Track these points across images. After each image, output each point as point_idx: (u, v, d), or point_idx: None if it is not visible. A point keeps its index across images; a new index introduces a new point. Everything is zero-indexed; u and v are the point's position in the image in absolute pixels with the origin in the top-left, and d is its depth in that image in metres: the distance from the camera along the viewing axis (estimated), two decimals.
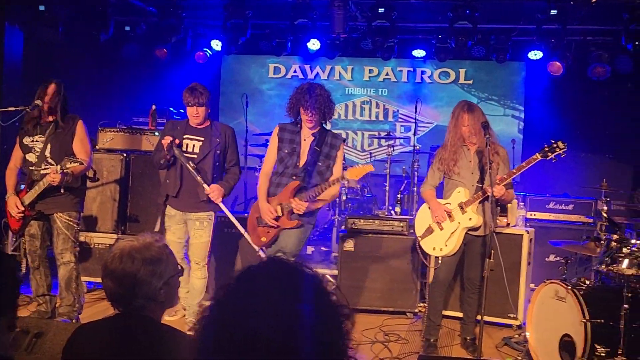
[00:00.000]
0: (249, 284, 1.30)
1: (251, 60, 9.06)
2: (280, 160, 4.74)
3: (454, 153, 4.86)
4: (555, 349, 4.62)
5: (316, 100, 4.49)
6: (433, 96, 8.84)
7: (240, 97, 8.20)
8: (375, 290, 6.06)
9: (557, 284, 4.71)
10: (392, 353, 5.05)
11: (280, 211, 4.63)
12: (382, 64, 8.88)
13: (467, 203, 4.75)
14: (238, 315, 1.24)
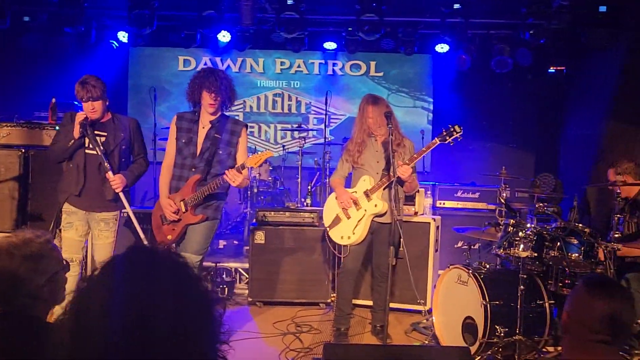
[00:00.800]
0: (111, 273, 1.28)
1: (160, 53, 8.85)
2: (179, 151, 4.54)
3: (360, 144, 4.93)
4: (459, 331, 4.78)
5: (221, 83, 4.36)
6: (345, 88, 8.92)
7: (149, 91, 8.01)
8: (287, 282, 6.06)
9: (460, 268, 4.87)
10: (304, 344, 5.07)
11: (183, 207, 4.46)
12: (293, 56, 8.88)
13: (372, 190, 4.82)
14: (98, 304, 1.23)
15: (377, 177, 4.88)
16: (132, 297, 1.22)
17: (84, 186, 4.55)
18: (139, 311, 1.19)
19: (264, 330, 5.36)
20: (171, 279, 1.28)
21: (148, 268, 1.28)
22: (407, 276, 5.42)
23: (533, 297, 4.70)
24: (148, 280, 1.24)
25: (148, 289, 1.23)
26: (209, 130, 4.52)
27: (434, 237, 6.00)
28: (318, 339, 5.20)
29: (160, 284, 1.24)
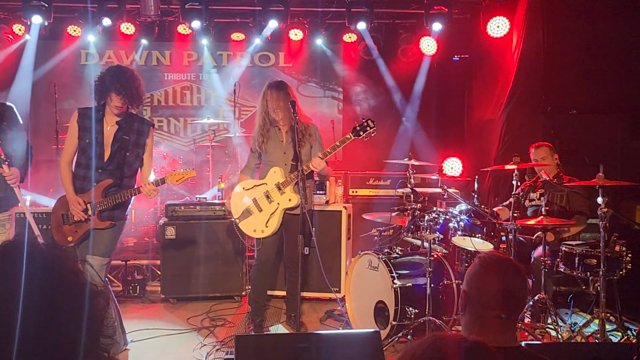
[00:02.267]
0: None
1: (59, 46, 8.45)
2: (83, 151, 4.24)
3: (265, 133, 4.91)
4: (372, 316, 4.87)
5: (131, 85, 4.15)
6: (254, 80, 8.84)
7: (49, 86, 7.67)
8: (200, 277, 5.99)
9: (370, 254, 4.96)
10: (218, 337, 5.03)
11: (90, 210, 4.23)
12: (200, 48, 8.71)
13: (285, 184, 4.80)
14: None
15: (285, 168, 4.87)
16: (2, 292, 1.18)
17: None
18: (8, 308, 1.14)
19: (178, 327, 5.27)
20: (45, 274, 1.24)
21: (20, 263, 1.23)
22: (319, 265, 5.44)
23: (441, 278, 4.85)
24: (19, 275, 1.18)
25: (19, 284, 1.18)
26: (117, 131, 4.26)
27: (345, 225, 6.06)
28: (233, 332, 5.17)
29: (33, 279, 1.20)
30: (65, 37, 8.18)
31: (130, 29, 8.01)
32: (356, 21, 7.66)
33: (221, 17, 8.28)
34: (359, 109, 8.68)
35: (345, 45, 8.73)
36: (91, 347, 1.25)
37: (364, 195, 7.49)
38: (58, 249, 1.30)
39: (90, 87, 8.31)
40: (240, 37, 8.52)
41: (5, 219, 4.31)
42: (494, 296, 2.05)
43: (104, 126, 4.27)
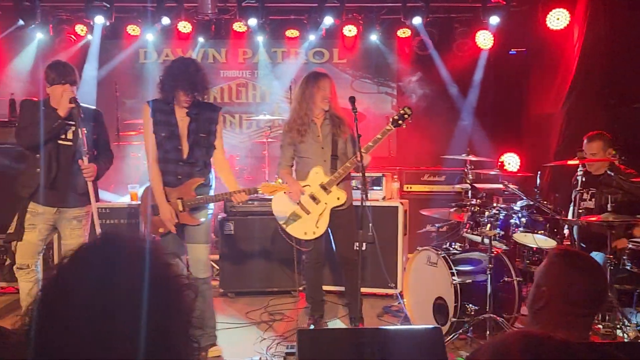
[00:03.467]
0: (76, 262, 1.26)
1: (119, 46, 8.68)
2: (159, 145, 4.26)
3: (302, 125, 4.79)
4: (430, 312, 4.84)
5: (196, 79, 4.15)
6: None
7: (111, 85, 7.89)
8: (258, 272, 6.06)
9: (429, 250, 4.93)
10: (277, 332, 5.08)
11: (180, 206, 4.28)
12: (256, 46, 8.81)
13: (330, 183, 4.73)
14: (64, 293, 1.21)
15: (325, 164, 4.79)
16: (99, 285, 1.19)
17: (56, 177, 4.27)
18: (106, 299, 1.18)
19: (237, 321, 5.35)
20: (140, 265, 1.27)
21: (116, 256, 1.26)
22: (378, 261, 5.44)
23: (501, 274, 4.78)
24: (116, 267, 1.22)
25: (116, 276, 1.22)
26: (190, 123, 4.27)
27: (402, 221, 6.03)
28: (292, 326, 5.21)
29: (129, 271, 1.23)
30: (124, 36, 8.39)
31: (187, 27, 8.16)
32: (411, 16, 7.63)
33: (276, 14, 8.36)
34: (414, 105, 8.61)
35: (400, 41, 8.69)
36: (181, 338, 1.29)
37: (418, 191, 7.44)
38: (150, 242, 1.34)
39: (149, 84, 8.63)
40: (295, 34, 8.57)
41: (83, 215, 4.45)
42: (582, 295, 2.00)
43: (177, 119, 4.28)
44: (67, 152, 4.32)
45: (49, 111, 4.23)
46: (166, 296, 1.27)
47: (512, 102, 8.50)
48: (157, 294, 1.25)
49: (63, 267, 1.27)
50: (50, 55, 8.04)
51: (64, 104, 4.19)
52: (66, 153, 4.31)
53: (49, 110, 4.24)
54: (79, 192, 4.35)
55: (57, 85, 4.25)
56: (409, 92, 8.67)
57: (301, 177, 4.87)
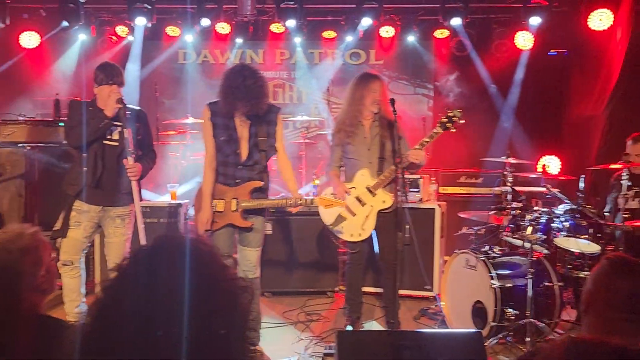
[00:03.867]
0: (138, 263, 1.28)
1: (159, 46, 8.81)
2: (219, 148, 4.33)
3: (350, 126, 4.78)
4: (469, 316, 4.81)
5: (254, 95, 4.12)
6: (345, 77, 8.87)
7: (151, 85, 8.01)
8: (295, 272, 6.10)
9: (468, 253, 4.90)
10: (314, 332, 5.11)
11: (234, 206, 4.32)
12: (293, 47, 8.85)
13: (376, 186, 4.70)
14: (127, 296, 1.23)
15: (371, 166, 4.76)
16: (157, 287, 1.21)
17: (101, 177, 4.36)
18: (163, 301, 1.19)
19: (275, 320, 5.38)
20: (199, 268, 1.28)
21: (175, 258, 1.28)
22: (414, 262, 5.42)
23: (542, 279, 4.72)
24: (175, 270, 1.24)
25: (176, 279, 1.23)
26: (250, 127, 4.30)
27: (439, 223, 6.01)
28: (328, 327, 5.23)
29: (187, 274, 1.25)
30: (164, 37, 8.50)
31: (226, 28, 8.23)
32: (450, 17, 7.58)
33: (314, 15, 8.38)
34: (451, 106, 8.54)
35: (437, 42, 8.63)
36: (238, 340, 1.30)
37: (454, 193, 7.40)
38: (208, 245, 1.36)
39: (188, 85, 8.74)
40: (332, 35, 8.57)
41: (126, 214, 4.52)
42: (622, 299, 1.99)
43: (236, 122, 4.31)
44: (113, 152, 4.40)
45: (96, 111, 4.32)
46: (223, 299, 1.29)
47: (552, 104, 8.38)
48: (214, 297, 1.26)
49: (122, 269, 1.30)
50: (93, 56, 8.21)
51: (111, 104, 4.28)
52: (112, 153, 4.40)
53: (96, 111, 4.33)
54: (123, 192, 4.43)
55: (105, 86, 4.34)
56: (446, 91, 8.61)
57: (348, 178, 4.87)
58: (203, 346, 1.20)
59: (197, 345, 1.19)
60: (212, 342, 1.23)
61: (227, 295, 1.29)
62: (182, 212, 6.07)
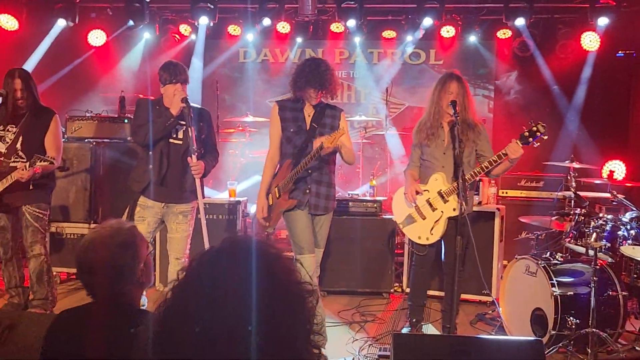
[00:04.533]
0: (207, 264, 1.30)
1: (220, 45, 8.95)
2: (288, 140, 4.43)
3: (430, 128, 4.71)
4: (527, 323, 4.71)
5: (326, 79, 4.27)
6: (404, 77, 8.85)
7: (212, 83, 8.15)
8: (350, 272, 6.09)
9: (528, 259, 4.79)
10: (369, 333, 5.09)
11: (277, 193, 4.44)
12: (352, 46, 8.85)
13: (448, 192, 4.60)
14: (195, 296, 1.25)
15: (444, 170, 4.66)
16: (225, 290, 1.23)
17: (166, 175, 4.48)
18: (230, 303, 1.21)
19: (329, 320, 5.39)
20: (266, 271, 1.29)
21: (243, 260, 1.29)
22: (471, 267, 5.31)
23: (605, 288, 4.58)
24: (242, 273, 1.25)
25: (242, 282, 1.24)
26: (317, 118, 4.42)
27: (499, 227, 5.90)
28: (383, 329, 5.22)
29: (255, 275, 1.25)
30: (225, 36, 8.63)
31: (286, 27, 8.29)
32: (514, 17, 7.43)
33: (374, 15, 8.36)
34: (512, 108, 8.40)
35: (499, 42, 8.48)
36: (304, 345, 1.31)
37: (514, 197, 7.26)
38: (276, 247, 1.37)
39: (248, 83, 8.87)
40: (392, 35, 8.53)
41: (188, 210, 4.64)
42: None
43: (304, 114, 4.44)
44: (177, 151, 4.51)
45: (162, 110, 4.43)
46: (290, 303, 1.29)
47: (618, 107, 8.12)
48: (281, 301, 1.27)
49: (190, 270, 1.32)
50: (156, 54, 8.42)
51: (176, 103, 4.38)
52: (176, 151, 4.51)
53: (162, 109, 4.44)
54: (186, 189, 4.54)
55: (169, 85, 4.44)
56: (507, 89, 8.46)
57: (422, 180, 4.80)
58: (268, 350, 1.21)
59: (262, 349, 1.20)
60: (277, 346, 1.23)
61: (293, 299, 1.30)
62: (241, 210, 6.16)
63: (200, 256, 1.32)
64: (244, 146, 7.55)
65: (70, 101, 7.62)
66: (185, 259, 4.64)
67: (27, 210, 4.79)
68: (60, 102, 6.63)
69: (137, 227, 2.26)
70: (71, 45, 8.40)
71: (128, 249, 2.13)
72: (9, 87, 4.74)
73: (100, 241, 2.11)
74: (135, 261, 2.14)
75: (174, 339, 1.24)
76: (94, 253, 2.10)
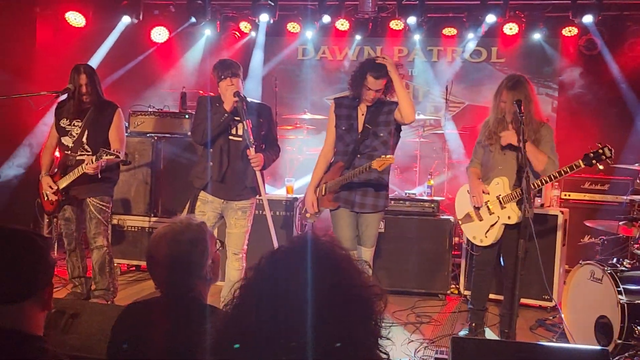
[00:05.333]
0: (277, 263, 1.29)
1: (280, 42, 8.99)
2: (340, 138, 4.54)
3: (492, 126, 4.63)
4: (591, 330, 4.55)
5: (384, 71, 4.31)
6: (464, 75, 8.68)
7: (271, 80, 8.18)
8: (406, 272, 6.02)
9: (593, 264, 4.63)
10: (425, 335, 5.02)
11: (323, 190, 4.55)
12: (411, 44, 8.74)
13: (507, 199, 4.51)
14: (264, 296, 1.24)
15: (507, 175, 4.55)
16: (293, 289, 1.22)
17: (226, 172, 4.54)
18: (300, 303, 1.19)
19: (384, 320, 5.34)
20: (335, 271, 1.27)
21: (313, 260, 1.27)
22: (531, 271, 5.17)
23: None
24: (320, 270, 1.23)
25: (312, 280, 1.22)
26: (370, 116, 4.48)
27: (561, 231, 5.72)
28: (439, 331, 5.13)
29: (324, 276, 1.23)
30: (285, 33, 8.67)
31: (345, 25, 8.25)
32: (582, 14, 7.20)
33: (435, 12, 8.24)
34: (578, 107, 8.13)
35: (564, 40, 8.23)
36: (373, 350, 1.28)
37: (578, 200, 7.05)
38: (344, 248, 1.34)
39: (307, 81, 8.88)
40: (452, 32, 8.38)
41: (248, 206, 4.68)
42: None
43: (358, 113, 4.52)
44: (237, 148, 4.56)
45: (218, 106, 4.49)
46: (359, 306, 1.26)
47: None
48: (350, 304, 1.24)
49: (260, 268, 1.30)
50: (216, 51, 8.53)
51: (228, 98, 4.44)
52: (236, 148, 4.56)
53: (218, 105, 4.50)
54: (246, 186, 4.59)
55: (222, 82, 4.50)
56: (573, 94, 8.20)
57: (482, 179, 4.74)
58: (338, 354, 1.19)
59: (331, 353, 1.19)
60: (345, 349, 1.21)
61: (363, 302, 1.27)
62: (297, 206, 6.17)
63: (271, 255, 1.31)
64: (301, 143, 7.56)
65: (133, 96, 7.79)
66: (243, 255, 4.70)
67: (91, 202, 4.92)
68: (123, 98, 6.77)
69: (206, 224, 2.28)
70: (134, 41, 8.59)
71: (197, 246, 2.16)
72: (75, 82, 4.87)
73: (170, 236, 2.15)
74: (203, 258, 2.16)
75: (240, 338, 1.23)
76: (164, 247, 2.13)
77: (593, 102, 8.04)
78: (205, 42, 8.83)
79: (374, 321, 1.30)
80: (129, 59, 8.61)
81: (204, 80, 8.16)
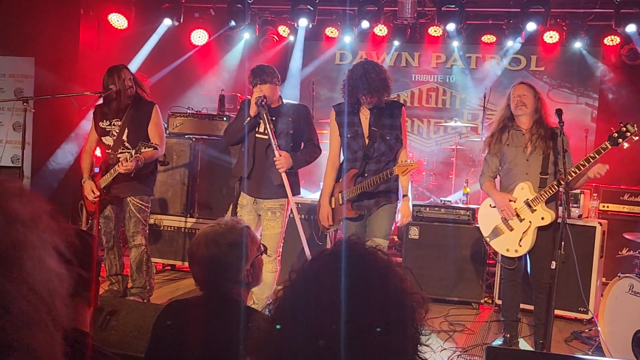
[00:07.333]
0: (321, 267, 1.29)
1: (318, 46, 9.04)
2: (348, 147, 4.50)
3: (501, 131, 4.59)
4: (628, 344, 4.46)
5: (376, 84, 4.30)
6: (503, 83, 8.60)
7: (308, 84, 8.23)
8: (439, 279, 5.99)
9: (633, 278, 4.54)
10: (458, 344, 4.98)
11: (340, 199, 4.53)
12: (449, 50, 8.71)
13: (535, 201, 4.44)
14: (307, 299, 1.24)
15: (532, 179, 4.49)
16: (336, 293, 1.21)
17: (252, 169, 4.62)
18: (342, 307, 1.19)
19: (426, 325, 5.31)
20: (378, 277, 1.27)
21: (357, 265, 1.27)
22: (567, 282, 5.10)
23: None
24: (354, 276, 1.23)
25: (354, 286, 1.22)
26: (374, 120, 4.48)
27: (599, 243, 5.62)
28: (472, 340, 5.09)
29: (367, 282, 1.24)
30: (323, 38, 8.71)
31: (383, 30, 8.27)
32: (625, 23, 7.08)
33: (473, 19, 8.20)
34: (618, 119, 7.97)
35: (606, 49, 8.12)
36: (413, 356, 1.28)
37: (616, 211, 6.92)
38: (387, 254, 1.35)
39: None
40: (491, 40, 8.33)
41: (277, 207, 4.67)
42: None
43: (360, 118, 4.52)
44: (262, 144, 4.62)
45: (246, 110, 4.64)
46: (402, 313, 1.26)
47: None
48: (393, 310, 1.24)
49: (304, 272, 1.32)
50: (254, 55, 8.62)
51: (252, 103, 4.56)
52: (261, 145, 4.63)
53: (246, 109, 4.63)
54: (273, 184, 4.60)
55: (253, 88, 4.63)
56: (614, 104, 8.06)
57: (503, 189, 4.66)
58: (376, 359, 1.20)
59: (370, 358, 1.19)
60: (385, 356, 1.22)
61: (406, 309, 1.27)
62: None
63: (315, 258, 1.32)
64: None
65: (173, 98, 7.92)
66: (277, 257, 4.71)
67: (131, 201, 5.01)
68: (163, 99, 6.89)
69: (250, 229, 2.31)
70: (175, 44, 8.73)
71: (235, 249, 2.18)
72: (119, 82, 4.94)
73: (212, 237, 2.19)
74: (241, 261, 2.19)
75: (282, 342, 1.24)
76: (204, 248, 2.17)
77: (634, 112, 7.89)
78: (244, 45, 8.92)
79: (415, 328, 1.29)
80: (169, 61, 8.76)
81: (242, 82, 8.24)
